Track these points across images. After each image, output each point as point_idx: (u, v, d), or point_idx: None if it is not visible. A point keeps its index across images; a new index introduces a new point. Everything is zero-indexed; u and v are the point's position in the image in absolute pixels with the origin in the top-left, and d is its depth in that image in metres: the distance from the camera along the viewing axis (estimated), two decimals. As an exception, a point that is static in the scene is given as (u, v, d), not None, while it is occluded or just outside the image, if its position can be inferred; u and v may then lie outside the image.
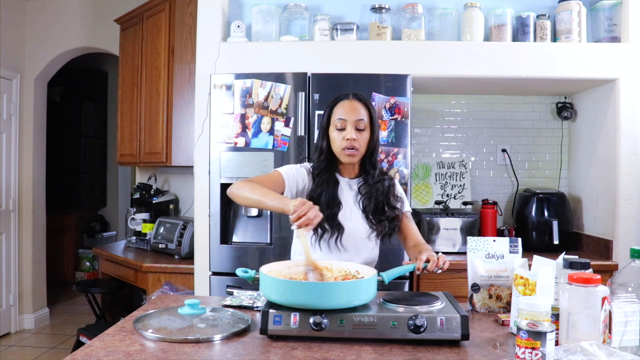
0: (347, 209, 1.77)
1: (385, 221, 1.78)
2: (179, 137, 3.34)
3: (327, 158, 1.78)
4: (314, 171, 1.79)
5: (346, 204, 1.78)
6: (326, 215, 1.71)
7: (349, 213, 1.77)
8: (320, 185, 1.76)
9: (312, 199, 1.74)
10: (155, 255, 3.27)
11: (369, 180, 1.79)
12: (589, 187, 3.04)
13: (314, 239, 1.75)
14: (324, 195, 1.74)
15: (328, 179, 1.77)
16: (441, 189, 3.24)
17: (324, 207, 1.72)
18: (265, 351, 1.25)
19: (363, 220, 1.78)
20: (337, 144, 1.74)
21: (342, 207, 1.76)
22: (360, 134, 1.72)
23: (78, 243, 6.07)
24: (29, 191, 4.29)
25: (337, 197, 1.76)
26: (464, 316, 1.29)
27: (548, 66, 2.70)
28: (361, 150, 1.74)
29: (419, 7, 2.77)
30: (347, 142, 1.71)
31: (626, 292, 1.23)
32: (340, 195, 1.78)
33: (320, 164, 1.79)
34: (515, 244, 1.62)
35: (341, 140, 1.72)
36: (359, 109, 1.74)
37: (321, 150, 1.79)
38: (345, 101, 1.75)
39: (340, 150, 1.73)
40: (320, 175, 1.77)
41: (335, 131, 1.74)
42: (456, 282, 2.56)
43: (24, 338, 4.14)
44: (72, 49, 4.36)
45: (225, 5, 2.86)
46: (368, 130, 1.75)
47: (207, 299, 1.89)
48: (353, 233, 1.76)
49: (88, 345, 1.28)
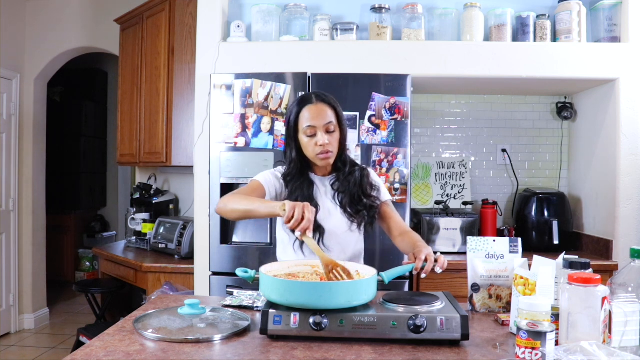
0: (324, 208, 1.77)
1: (363, 210, 1.77)
2: (179, 137, 3.34)
3: (297, 165, 1.77)
4: (286, 177, 1.78)
5: (323, 203, 1.78)
6: None
7: (327, 212, 1.77)
8: (295, 191, 1.75)
9: None
10: (155, 255, 3.27)
11: (339, 175, 1.79)
12: (589, 187, 3.04)
13: (297, 244, 1.75)
14: (300, 200, 1.73)
15: (302, 183, 1.76)
16: (441, 189, 3.24)
17: None
18: (265, 351, 1.25)
19: (342, 215, 1.78)
20: (310, 150, 1.73)
21: (319, 208, 1.75)
22: (331, 135, 1.72)
23: (78, 243, 6.07)
24: (29, 191, 4.29)
25: (313, 199, 1.76)
26: (464, 316, 1.29)
27: (548, 66, 2.70)
28: (335, 151, 1.74)
29: (419, 7, 2.77)
30: (320, 147, 1.70)
31: (626, 292, 1.23)
32: (316, 196, 1.78)
33: (291, 171, 1.78)
34: (515, 244, 1.62)
35: (314, 146, 1.71)
36: (326, 111, 1.72)
37: (290, 159, 1.77)
38: (311, 106, 1.72)
39: (315, 155, 1.73)
40: (294, 181, 1.77)
41: (306, 138, 1.72)
42: (456, 282, 2.56)
43: (24, 338, 4.14)
44: (72, 49, 4.36)
45: (225, 5, 2.86)
46: (337, 130, 1.74)
47: (207, 299, 1.89)
48: (334, 231, 1.76)
49: (88, 345, 1.28)
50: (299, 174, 1.77)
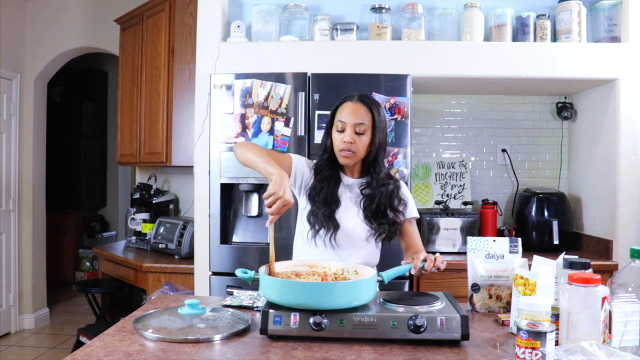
0: (345, 207, 1.78)
1: (385, 224, 1.78)
2: (179, 137, 3.34)
3: (330, 156, 1.80)
4: (317, 168, 1.82)
5: (345, 202, 1.79)
6: (323, 212, 1.74)
7: (347, 211, 1.78)
8: (321, 182, 1.78)
9: (311, 195, 1.78)
10: (155, 255, 3.27)
11: (372, 183, 1.79)
12: (589, 187, 3.04)
13: (311, 234, 1.77)
14: (323, 192, 1.76)
15: (330, 177, 1.79)
16: (441, 189, 3.24)
17: (322, 203, 1.75)
18: (265, 351, 1.25)
19: (362, 220, 1.78)
20: (336, 145, 1.76)
21: (340, 205, 1.77)
22: (359, 137, 1.73)
23: (78, 243, 6.07)
24: (29, 191, 4.29)
25: (335, 195, 1.78)
26: (464, 316, 1.29)
27: (548, 66, 2.70)
28: (359, 153, 1.75)
29: (419, 7, 2.77)
30: (344, 144, 1.73)
31: (626, 292, 1.23)
32: (340, 193, 1.79)
33: (323, 161, 1.81)
34: (515, 244, 1.62)
35: (339, 141, 1.74)
36: (361, 112, 1.74)
37: (325, 148, 1.81)
38: (350, 103, 1.76)
39: (338, 151, 1.76)
40: (322, 172, 1.79)
41: (337, 132, 1.76)
42: (456, 282, 2.56)
43: (24, 338, 4.14)
44: (72, 49, 4.36)
45: (225, 5, 2.86)
46: (369, 134, 1.74)
47: (207, 299, 1.89)
48: (350, 232, 1.77)
49: (88, 345, 1.28)
50: (329, 167, 1.80)
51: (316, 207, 1.76)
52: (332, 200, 1.76)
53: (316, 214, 1.75)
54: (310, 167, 1.83)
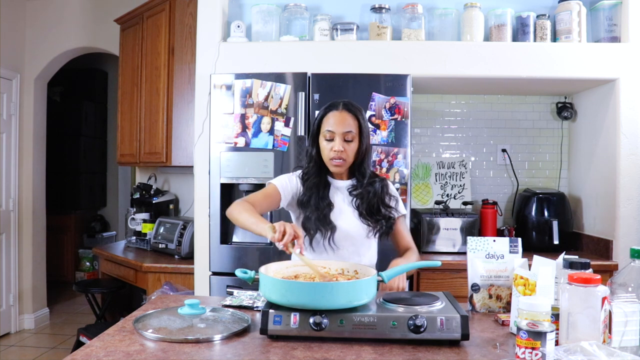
0: (339, 208, 1.80)
1: (382, 220, 1.81)
2: (179, 137, 3.34)
3: (317, 164, 1.82)
4: (304, 177, 1.83)
5: (339, 204, 1.81)
6: (316, 216, 1.75)
7: (342, 213, 1.80)
8: (310, 189, 1.79)
9: (302, 202, 1.79)
10: (155, 255, 3.27)
11: (359, 183, 1.82)
12: (589, 187, 3.04)
13: (307, 242, 1.77)
14: (314, 197, 1.78)
15: (318, 183, 1.80)
16: (441, 189, 3.24)
17: (314, 208, 1.76)
18: (265, 351, 1.25)
19: (358, 219, 1.80)
20: (325, 154, 1.78)
21: (333, 207, 1.79)
22: (348, 145, 1.76)
23: (78, 243, 6.07)
24: (29, 191, 4.29)
25: (327, 198, 1.79)
26: (464, 316, 1.29)
27: (548, 66, 2.70)
28: (349, 160, 1.78)
29: (419, 7, 2.77)
30: (335, 153, 1.75)
31: (626, 292, 1.23)
32: (332, 196, 1.81)
33: (310, 169, 1.83)
34: (515, 244, 1.62)
35: (329, 150, 1.76)
36: (348, 120, 1.76)
37: (310, 157, 1.83)
38: (336, 112, 1.77)
39: (329, 160, 1.78)
40: (310, 180, 1.81)
41: (325, 141, 1.77)
42: (456, 282, 2.56)
43: (24, 338, 4.14)
44: (72, 49, 4.36)
45: (225, 5, 2.86)
46: (356, 140, 1.77)
47: (207, 299, 1.89)
48: (349, 232, 1.78)
49: (88, 345, 1.28)
50: (317, 174, 1.81)
51: (309, 213, 1.77)
52: (324, 204, 1.78)
53: (310, 219, 1.76)
54: (297, 177, 1.85)
